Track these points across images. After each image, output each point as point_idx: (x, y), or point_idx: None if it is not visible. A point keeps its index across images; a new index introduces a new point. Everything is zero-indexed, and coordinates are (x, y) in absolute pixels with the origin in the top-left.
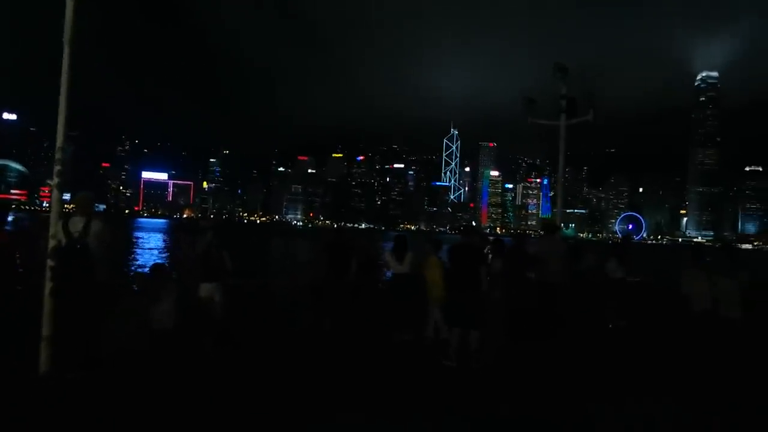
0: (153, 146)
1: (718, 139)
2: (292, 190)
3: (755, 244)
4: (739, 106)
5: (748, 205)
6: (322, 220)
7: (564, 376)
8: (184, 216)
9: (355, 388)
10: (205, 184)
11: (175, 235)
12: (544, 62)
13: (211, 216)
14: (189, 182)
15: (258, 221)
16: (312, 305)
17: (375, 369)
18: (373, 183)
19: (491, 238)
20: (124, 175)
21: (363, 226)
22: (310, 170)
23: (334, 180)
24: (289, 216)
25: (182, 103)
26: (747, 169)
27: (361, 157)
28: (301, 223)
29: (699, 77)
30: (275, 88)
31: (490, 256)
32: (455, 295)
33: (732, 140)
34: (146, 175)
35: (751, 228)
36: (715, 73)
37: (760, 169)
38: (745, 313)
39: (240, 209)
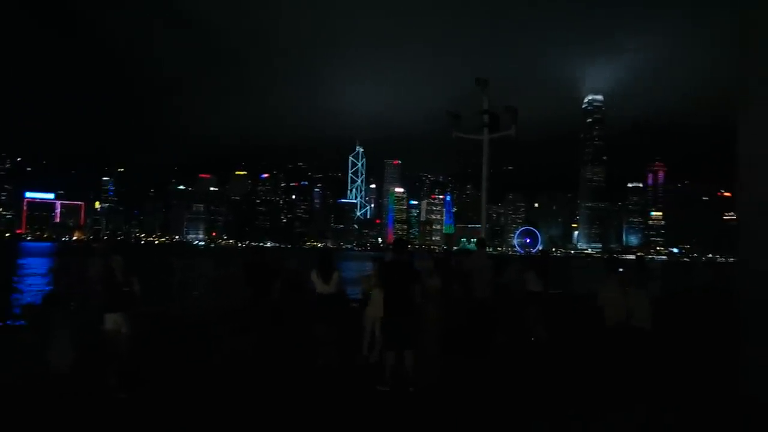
0: (38, 164)
1: (604, 157)
2: (193, 208)
3: (637, 255)
4: (622, 127)
5: (630, 219)
6: (225, 240)
7: (498, 396)
8: (74, 238)
9: (282, 422)
10: (97, 204)
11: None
12: (447, 82)
13: (105, 237)
14: (79, 202)
15: (156, 242)
16: (232, 330)
17: (303, 399)
18: (278, 201)
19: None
20: (4, 195)
21: (268, 244)
22: (212, 188)
23: (237, 198)
24: (191, 236)
25: (71, 118)
26: (629, 185)
27: (266, 175)
28: (203, 243)
29: (586, 100)
30: (173, 103)
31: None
32: (389, 316)
33: (616, 159)
34: (30, 195)
35: (633, 240)
36: (600, 97)
37: (641, 185)
38: (656, 323)
39: (136, 230)
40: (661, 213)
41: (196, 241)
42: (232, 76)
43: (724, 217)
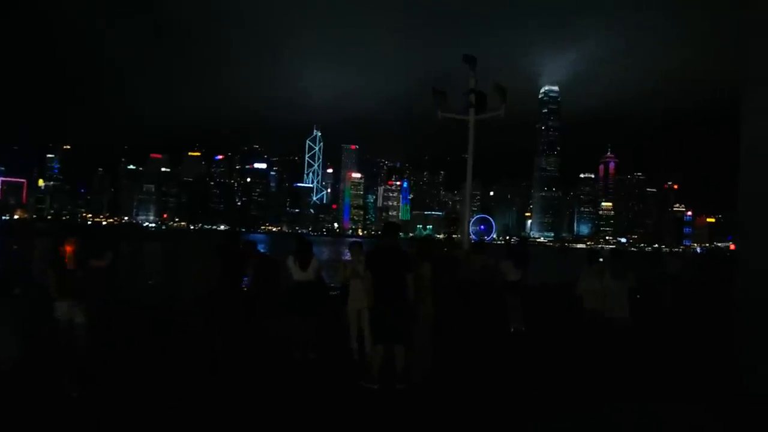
0: None
1: (559, 148)
2: (144, 189)
3: (588, 244)
4: (576, 119)
5: (582, 209)
6: (177, 222)
7: (489, 393)
8: (16, 217)
9: (255, 423)
10: (41, 182)
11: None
12: (410, 67)
13: (48, 217)
14: (21, 180)
15: (104, 223)
16: (200, 321)
17: (280, 397)
18: (233, 183)
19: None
20: None
21: (222, 227)
22: (164, 169)
23: (190, 179)
24: (141, 217)
25: (15, 93)
26: (581, 175)
27: (220, 156)
28: (153, 225)
29: (542, 91)
30: (126, 81)
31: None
32: (378, 308)
33: (570, 149)
34: None
35: (584, 229)
36: (556, 88)
37: (592, 176)
38: (632, 312)
39: (83, 210)
40: (611, 204)
41: (147, 223)
42: (187, 56)
43: (670, 209)
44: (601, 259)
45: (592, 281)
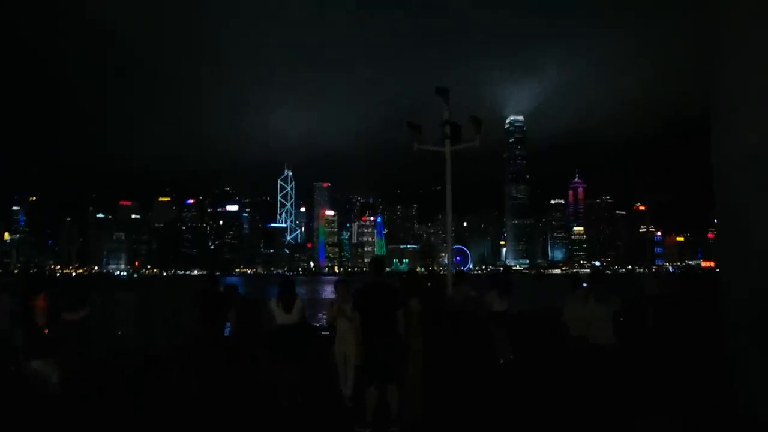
0: None
1: (527, 176)
2: (114, 237)
3: (563, 269)
4: (543, 147)
5: (554, 235)
6: (149, 269)
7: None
8: None
9: None
10: (7, 236)
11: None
12: (379, 103)
13: (15, 271)
14: None
15: (74, 274)
16: (181, 371)
17: None
18: (205, 227)
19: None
20: None
21: (195, 272)
22: (134, 215)
23: (161, 225)
24: (111, 266)
25: None
26: (552, 201)
27: (191, 200)
28: (125, 274)
29: (507, 121)
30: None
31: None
32: (369, 347)
33: (539, 176)
34: None
35: (558, 255)
36: (521, 117)
37: (562, 201)
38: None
39: (51, 262)
40: (582, 228)
41: (118, 272)
42: (153, 100)
43: (640, 230)
44: (584, 285)
45: (577, 307)
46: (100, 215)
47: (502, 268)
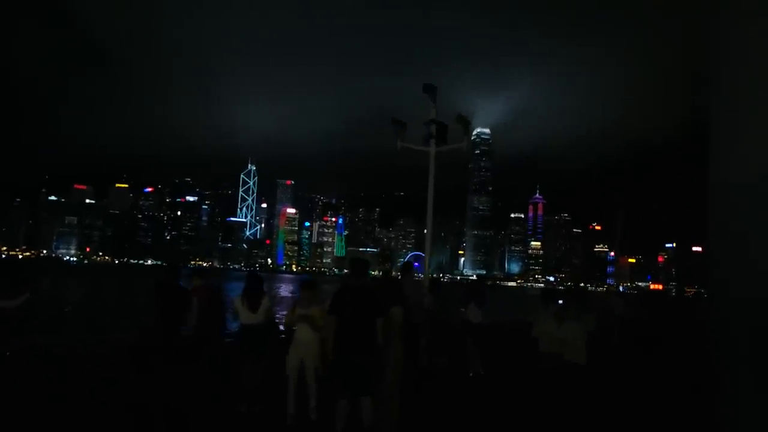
0: None
1: (490, 188)
2: (66, 221)
3: (518, 282)
4: (507, 160)
5: (512, 248)
6: (101, 256)
7: None
8: None
9: None
10: None
11: None
12: (346, 105)
13: None
14: None
15: (20, 256)
16: (135, 369)
17: None
18: (162, 216)
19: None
20: None
21: (149, 262)
22: (88, 200)
23: (116, 212)
24: (61, 251)
25: None
26: (512, 215)
27: (150, 189)
28: (75, 259)
29: (474, 133)
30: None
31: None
32: (343, 356)
33: (501, 190)
34: None
35: (515, 268)
36: (487, 130)
37: (522, 215)
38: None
39: None
40: (539, 243)
41: (67, 257)
42: (117, 83)
43: (594, 249)
44: (560, 302)
45: (549, 324)
46: (53, 198)
47: (474, 277)
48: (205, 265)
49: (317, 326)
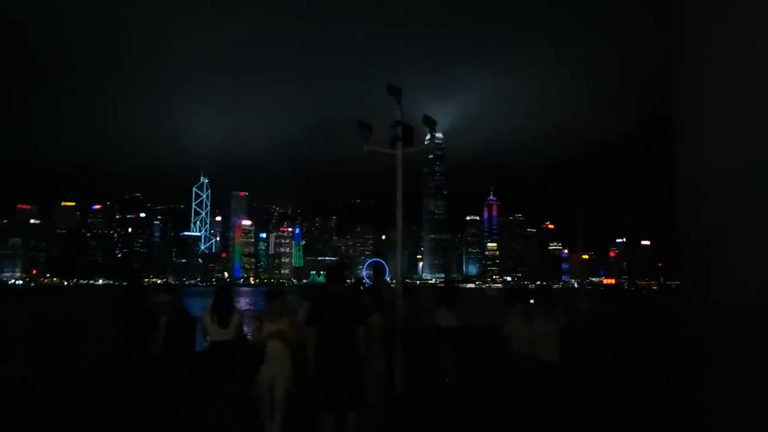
0: None
1: (445, 192)
2: (9, 243)
3: (477, 283)
4: (461, 164)
5: (469, 250)
6: (49, 278)
7: None
8: None
9: None
10: None
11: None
12: (297, 113)
13: None
14: None
15: None
16: (97, 395)
17: None
18: (112, 234)
19: (364, 283)
20: None
21: (100, 282)
22: (33, 220)
23: (63, 231)
24: (5, 274)
25: None
26: (468, 218)
27: (98, 206)
28: (21, 282)
29: (427, 137)
30: None
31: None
32: (325, 369)
33: (456, 193)
34: None
35: (473, 269)
36: (440, 135)
37: (477, 218)
38: (564, 355)
39: None
40: (495, 244)
41: (12, 280)
42: (58, 97)
43: (549, 247)
44: (531, 300)
45: (519, 324)
46: None
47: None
48: (159, 282)
49: (289, 340)
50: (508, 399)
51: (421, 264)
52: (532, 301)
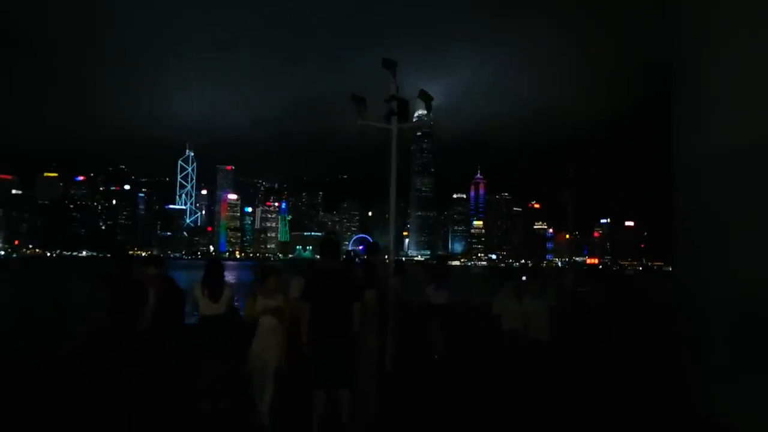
0: None
1: (433, 169)
2: None
3: (462, 261)
4: (449, 142)
5: (455, 227)
6: (31, 249)
7: None
8: None
9: None
10: None
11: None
12: (285, 87)
13: None
14: None
15: None
16: (85, 371)
17: None
18: (96, 206)
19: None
20: None
21: (84, 253)
22: (14, 191)
23: (46, 202)
24: None
25: None
26: (454, 196)
27: (81, 177)
28: (2, 253)
29: (416, 114)
30: None
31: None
32: (319, 344)
33: (443, 171)
34: None
35: (458, 247)
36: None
37: (464, 196)
38: (553, 333)
39: None
40: (481, 222)
41: None
42: (42, 67)
43: (534, 227)
44: (524, 278)
45: (509, 301)
46: None
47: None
48: (143, 254)
49: (284, 317)
50: (498, 377)
51: (407, 241)
52: (524, 278)
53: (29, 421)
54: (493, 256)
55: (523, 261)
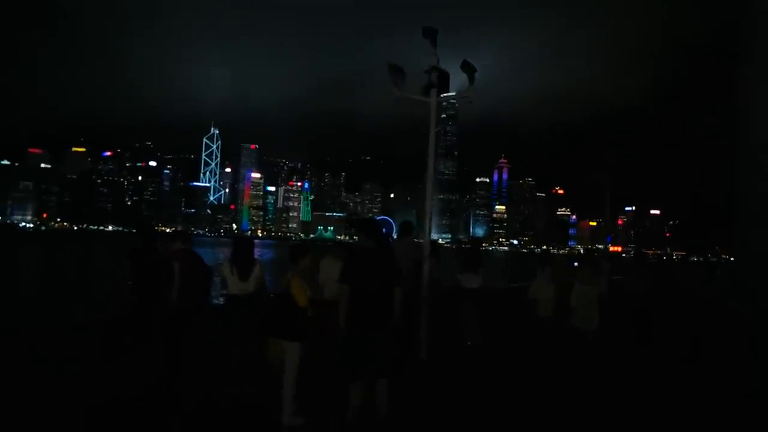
0: None
1: (456, 153)
2: (20, 187)
3: (483, 246)
4: (473, 125)
5: (477, 212)
6: (59, 222)
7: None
8: None
9: None
10: None
11: None
12: (310, 68)
13: None
14: None
15: None
16: (107, 350)
17: None
18: (122, 181)
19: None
20: None
21: (110, 228)
22: (43, 165)
23: (74, 177)
24: (16, 217)
25: None
26: (477, 180)
27: (108, 153)
28: (31, 226)
29: (441, 97)
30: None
31: None
32: (358, 332)
33: (467, 154)
34: None
35: (479, 231)
36: (454, 94)
37: (487, 180)
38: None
39: None
40: (504, 207)
41: (23, 223)
42: (72, 45)
43: (557, 213)
44: (575, 264)
45: (545, 288)
46: (5, 162)
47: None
48: (168, 230)
49: (305, 296)
50: (537, 367)
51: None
52: (576, 264)
53: (41, 400)
54: (515, 242)
55: (544, 247)
